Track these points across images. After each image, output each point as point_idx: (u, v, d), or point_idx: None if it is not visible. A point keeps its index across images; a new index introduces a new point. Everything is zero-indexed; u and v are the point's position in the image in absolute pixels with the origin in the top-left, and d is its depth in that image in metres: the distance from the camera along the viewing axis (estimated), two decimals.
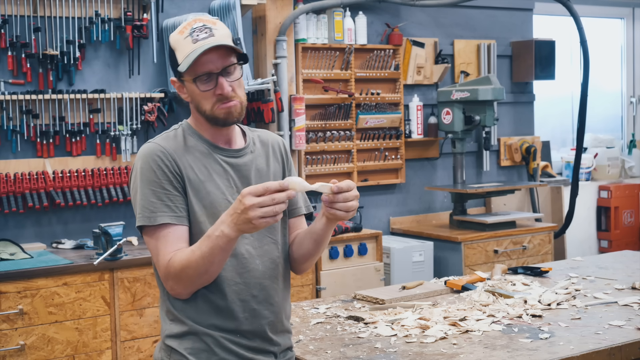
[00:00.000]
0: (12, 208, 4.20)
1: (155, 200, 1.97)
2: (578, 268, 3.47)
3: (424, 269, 5.06)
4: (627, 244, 6.40)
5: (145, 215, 1.97)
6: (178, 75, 2.05)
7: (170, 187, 1.98)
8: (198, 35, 1.99)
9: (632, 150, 7.20)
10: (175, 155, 2.01)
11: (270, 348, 2.09)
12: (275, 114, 4.74)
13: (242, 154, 2.12)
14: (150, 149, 2.02)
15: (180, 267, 1.92)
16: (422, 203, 5.79)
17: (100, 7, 4.43)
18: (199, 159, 2.05)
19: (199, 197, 2.01)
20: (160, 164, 1.99)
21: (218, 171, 2.06)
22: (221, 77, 2.00)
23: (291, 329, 2.20)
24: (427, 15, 5.77)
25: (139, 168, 2.01)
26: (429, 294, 3.02)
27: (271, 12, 4.84)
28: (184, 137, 2.07)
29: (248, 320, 2.04)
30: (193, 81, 2.01)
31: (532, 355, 2.26)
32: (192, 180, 2.02)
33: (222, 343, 2.02)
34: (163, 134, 2.09)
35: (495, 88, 5.26)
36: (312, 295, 4.60)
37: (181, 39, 2.01)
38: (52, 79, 4.34)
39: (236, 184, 2.07)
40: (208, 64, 1.99)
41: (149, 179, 1.99)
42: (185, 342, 2.02)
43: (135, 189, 2.01)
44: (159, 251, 1.97)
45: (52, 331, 3.73)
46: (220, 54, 2.00)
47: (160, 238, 1.97)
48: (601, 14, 7.19)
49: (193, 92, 2.04)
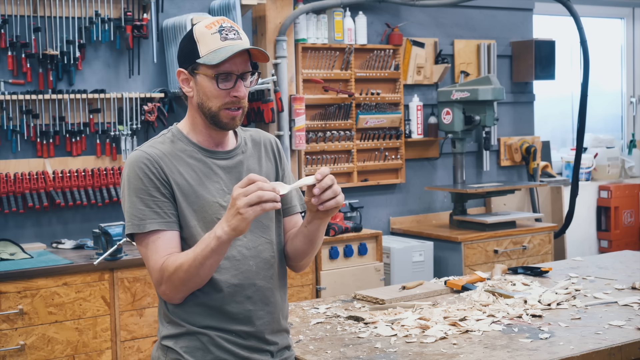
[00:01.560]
0: (12, 208, 4.20)
1: (143, 207, 1.98)
2: (578, 268, 3.47)
3: (424, 269, 5.06)
4: (627, 244, 6.40)
5: (134, 223, 1.98)
6: (191, 67, 2.04)
7: (157, 193, 1.99)
8: (227, 34, 2.01)
9: (632, 150, 7.21)
10: (161, 162, 2.01)
11: (267, 347, 2.08)
12: (275, 114, 4.74)
13: (232, 155, 2.11)
14: (136, 156, 2.02)
15: (173, 269, 1.94)
16: (422, 203, 5.79)
17: (100, 7, 4.43)
18: (187, 164, 2.04)
19: (189, 201, 2.01)
20: (147, 171, 1.99)
21: (208, 174, 2.06)
22: (240, 80, 2.02)
23: (289, 328, 2.20)
24: (427, 15, 5.78)
25: (125, 176, 2.02)
26: (429, 294, 3.02)
27: (271, 12, 4.84)
28: (172, 142, 2.07)
29: (243, 321, 2.04)
30: (214, 77, 2.01)
31: (532, 355, 2.26)
32: (180, 185, 2.01)
33: (218, 342, 2.02)
34: (150, 141, 2.09)
35: (495, 88, 5.26)
36: (312, 295, 4.61)
37: (208, 33, 2.02)
38: (52, 79, 4.34)
39: (227, 186, 2.06)
40: (233, 65, 2.00)
41: (136, 187, 1.99)
42: (181, 341, 2.04)
43: (124, 198, 2.02)
44: (149, 257, 1.99)
45: (52, 331, 3.73)
46: (244, 58, 2.03)
47: (150, 244, 1.98)
48: (601, 14, 7.20)
49: (205, 88, 2.03)
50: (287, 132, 4.84)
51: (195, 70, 2.03)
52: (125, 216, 2.01)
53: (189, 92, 2.07)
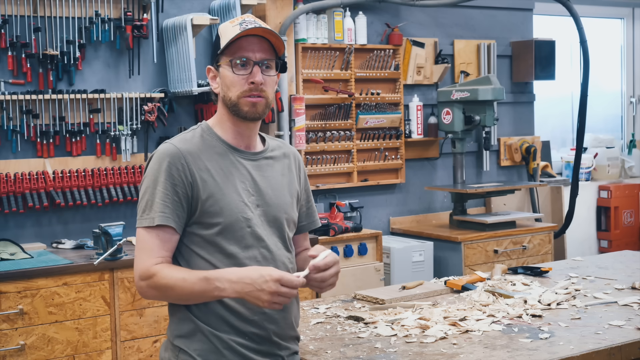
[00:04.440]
0: (12, 208, 4.20)
1: (158, 200, 2.00)
2: (578, 268, 3.47)
3: (424, 269, 5.06)
4: (627, 244, 6.39)
5: (142, 210, 2.01)
6: (215, 61, 2.08)
7: (173, 191, 2.00)
8: (247, 25, 2.03)
9: (632, 150, 7.20)
10: (189, 158, 2.02)
11: (279, 352, 2.09)
12: (275, 114, 4.74)
13: (259, 157, 2.13)
14: (165, 149, 2.04)
15: (165, 285, 1.96)
16: (422, 203, 5.79)
17: (100, 7, 4.43)
18: (215, 161, 2.05)
19: (214, 199, 2.02)
20: (171, 166, 2.01)
21: (235, 173, 2.07)
22: (257, 66, 2.03)
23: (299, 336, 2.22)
24: (427, 15, 5.78)
25: (150, 166, 2.04)
26: (429, 294, 3.02)
27: (271, 12, 4.85)
28: (202, 138, 2.08)
29: (258, 324, 2.04)
30: (230, 62, 2.03)
31: (532, 355, 2.26)
32: (207, 182, 2.02)
33: (231, 345, 2.02)
34: (180, 135, 2.11)
35: (495, 88, 5.26)
36: (312, 295, 4.60)
37: (230, 26, 2.05)
38: (52, 79, 4.34)
39: (252, 187, 2.08)
40: (248, 49, 2.03)
41: (157, 179, 2.01)
42: (195, 344, 2.03)
43: (142, 184, 2.05)
44: (141, 249, 2.01)
45: (52, 331, 3.73)
46: (263, 47, 2.05)
47: (150, 238, 2.00)
48: (601, 14, 7.20)
49: (225, 78, 2.05)
50: (287, 132, 4.84)
51: (218, 63, 2.07)
52: (138, 202, 2.04)
53: (216, 88, 2.11)
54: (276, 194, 2.13)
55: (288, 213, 2.16)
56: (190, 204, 2.02)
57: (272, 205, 2.11)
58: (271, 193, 2.11)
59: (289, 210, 2.16)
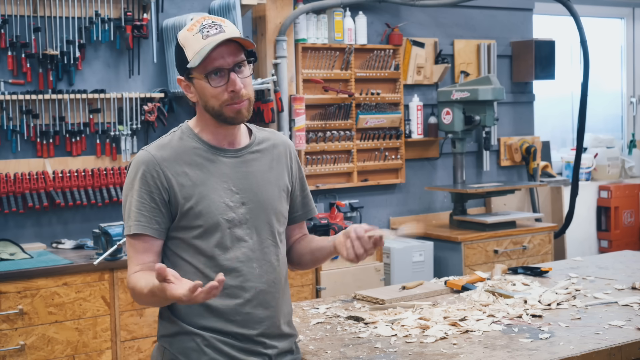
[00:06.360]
0: (12, 208, 4.20)
1: (134, 209, 2.00)
2: (578, 268, 3.47)
3: (424, 269, 5.06)
4: (627, 244, 6.39)
5: (125, 221, 2.03)
6: (186, 73, 2.03)
7: (149, 198, 1.99)
8: (208, 31, 1.98)
9: (632, 150, 7.20)
10: (164, 164, 2.01)
11: (264, 351, 2.07)
12: (275, 114, 4.74)
13: (241, 154, 2.10)
14: (140, 157, 2.03)
15: (136, 294, 1.98)
16: (422, 203, 5.79)
17: (100, 7, 4.43)
18: (195, 163, 2.03)
19: (193, 202, 2.00)
20: (146, 174, 2.00)
21: (216, 173, 2.04)
22: (233, 73, 1.99)
23: (293, 332, 2.19)
24: (427, 15, 5.77)
25: (127, 175, 2.05)
26: (429, 294, 3.02)
27: (271, 12, 4.84)
28: (181, 141, 2.06)
29: (241, 324, 2.03)
30: (205, 77, 1.99)
31: (532, 355, 2.26)
32: (184, 186, 2.01)
33: (213, 343, 2.01)
34: (159, 140, 2.09)
35: (495, 88, 5.26)
36: (312, 295, 4.60)
37: (190, 35, 1.99)
38: (52, 79, 4.34)
39: (235, 185, 2.05)
40: (219, 60, 1.97)
41: (132, 187, 2.01)
42: (177, 343, 2.04)
43: (123, 194, 2.07)
44: (129, 257, 2.04)
45: (52, 331, 3.73)
46: (231, 50, 1.99)
47: (131, 247, 2.02)
48: (601, 14, 7.19)
49: (202, 90, 2.01)
50: (287, 132, 4.84)
51: (190, 75, 2.02)
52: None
53: (192, 98, 2.07)
54: (262, 189, 2.09)
55: (276, 208, 2.11)
56: (170, 210, 2.01)
57: (259, 202, 2.07)
58: (257, 189, 2.08)
59: (277, 205, 2.12)
